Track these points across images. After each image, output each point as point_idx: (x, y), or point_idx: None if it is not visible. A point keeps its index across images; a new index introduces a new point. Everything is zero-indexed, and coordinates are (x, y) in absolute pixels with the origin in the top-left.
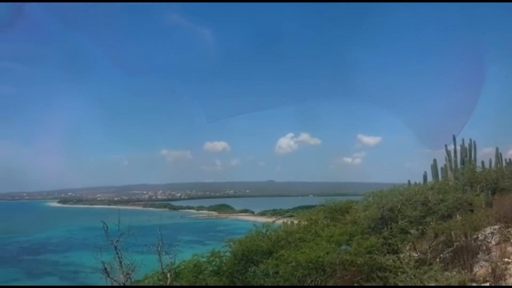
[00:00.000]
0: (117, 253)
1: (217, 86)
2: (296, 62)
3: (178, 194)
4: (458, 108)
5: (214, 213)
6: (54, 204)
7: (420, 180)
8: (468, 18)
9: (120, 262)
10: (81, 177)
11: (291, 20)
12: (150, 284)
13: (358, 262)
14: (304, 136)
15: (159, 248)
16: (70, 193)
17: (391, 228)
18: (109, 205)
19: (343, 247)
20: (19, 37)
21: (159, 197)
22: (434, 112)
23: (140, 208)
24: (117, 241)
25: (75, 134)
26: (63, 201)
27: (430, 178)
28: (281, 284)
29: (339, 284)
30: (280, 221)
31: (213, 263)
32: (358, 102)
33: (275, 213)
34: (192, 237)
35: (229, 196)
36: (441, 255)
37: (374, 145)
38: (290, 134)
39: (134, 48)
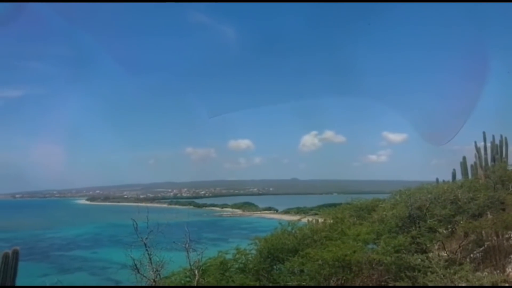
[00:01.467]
0: (146, 250)
1: (237, 83)
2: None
3: (202, 192)
4: (460, 105)
5: (238, 211)
6: (83, 201)
7: (448, 178)
8: (471, 14)
9: (150, 258)
10: (108, 175)
11: (294, 18)
12: (177, 281)
13: (386, 261)
14: (328, 134)
15: (187, 245)
16: (98, 191)
17: (419, 227)
18: (135, 202)
19: (370, 246)
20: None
21: (184, 195)
22: (437, 109)
23: (165, 205)
24: (147, 238)
25: (103, 133)
26: (92, 198)
27: (459, 176)
28: (307, 282)
29: (366, 284)
30: (304, 220)
31: (239, 261)
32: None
33: (299, 211)
34: (216, 235)
35: (252, 194)
36: (472, 255)
37: (399, 142)
38: (314, 132)
39: (151, 46)
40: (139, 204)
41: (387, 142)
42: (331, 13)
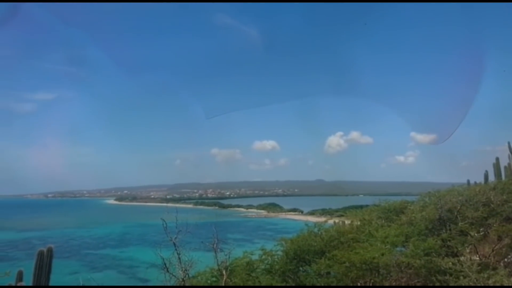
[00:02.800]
0: (176, 249)
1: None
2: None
3: (227, 193)
4: (456, 105)
5: (263, 212)
6: (111, 201)
7: (480, 179)
8: (467, 15)
9: (179, 258)
10: (136, 176)
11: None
12: (203, 280)
13: (415, 264)
14: (354, 135)
15: (215, 245)
16: (125, 191)
17: (450, 229)
18: (161, 203)
19: (399, 248)
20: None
21: (209, 195)
22: (433, 109)
23: (190, 206)
24: (176, 237)
25: (130, 134)
26: (119, 198)
27: (492, 178)
28: (334, 284)
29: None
30: (330, 221)
31: (265, 262)
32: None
33: (324, 212)
34: (241, 236)
35: (277, 195)
36: (506, 259)
37: (428, 143)
38: (340, 133)
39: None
40: (165, 204)
41: (415, 143)
42: (331, 13)
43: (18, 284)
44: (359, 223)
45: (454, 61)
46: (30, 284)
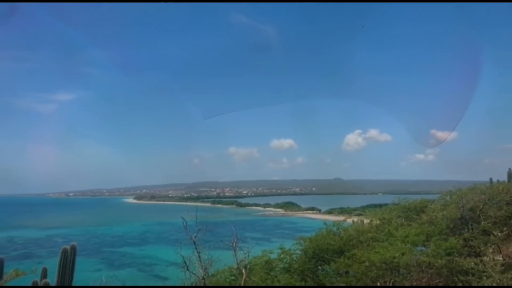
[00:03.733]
0: (196, 247)
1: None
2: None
3: (245, 192)
4: (452, 106)
5: (280, 211)
6: (131, 200)
7: (503, 177)
8: (464, 16)
9: (199, 256)
10: (154, 175)
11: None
12: (222, 279)
13: (437, 264)
14: (373, 132)
15: (234, 244)
16: (144, 190)
17: (472, 229)
18: (179, 201)
19: (419, 248)
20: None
21: (227, 194)
22: (429, 109)
23: (208, 205)
24: (195, 236)
25: (148, 134)
26: (138, 197)
27: None
28: (353, 283)
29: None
30: (349, 220)
31: (284, 260)
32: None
33: (343, 211)
34: (259, 234)
35: (295, 194)
36: None
37: (449, 141)
38: (358, 131)
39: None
40: (184, 203)
41: (436, 141)
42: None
43: (43, 281)
44: (378, 222)
45: (450, 62)
46: (54, 281)
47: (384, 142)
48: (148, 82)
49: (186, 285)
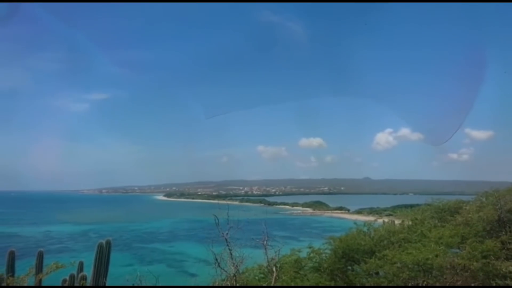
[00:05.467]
0: (227, 245)
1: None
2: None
3: (273, 190)
4: (457, 104)
5: (309, 210)
6: (161, 197)
7: None
8: (468, 15)
9: (231, 253)
10: (184, 173)
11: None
12: (251, 277)
13: (472, 267)
14: (404, 131)
15: (264, 242)
16: (174, 188)
17: (510, 231)
18: (208, 199)
19: (454, 250)
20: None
21: (255, 192)
22: (434, 108)
23: (236, 203)
24: (227, 233)
25: (178, 132)
26: (168, 194)
27: None
28: (384, 284)
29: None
30: (380, 220)
31: (313, 260)
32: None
33: (372, 211)
34: (287, 233)
35: (323, 193)
36: None
37: (485, 140)
38: (389, 130)
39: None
40: (211, 201)
41: (470, 140)
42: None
43: (80, 274)
44: (410, 222)
45: (455, 60)
46: (90, 274)
47: (416, 141)
48: (176, 81)
49: (217, 281)
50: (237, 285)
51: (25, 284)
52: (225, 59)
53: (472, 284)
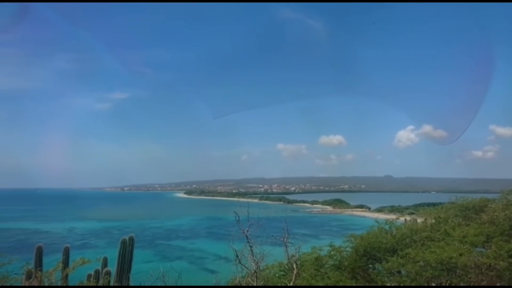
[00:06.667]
0: (248, 241)
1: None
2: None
3: (293, 188)
4: (466, 104)
5: (329, 208)
6: (181, 195)
7: None
8: (476, 14)
9: (251, 250)
10: (204, 170)
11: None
12: (271, 274)
13: (498, 266)
14: (427, 128)
15: (285, 239)
16: (194, 185)
17: None
18: (227, 197)
19: (479, 249)
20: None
21: (274, 190)
22: (443, 107)
23: (256, 200)
24: (247, 230)
25: (197, 130)
26: (188, 192)
27: None
28: (407, 283)
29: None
30: (401, 219)
31: (334, 258)
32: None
33: (394, 209)
34: (307, 231)
35: (343, 191)
36: None
37: (511, 137)
38: (411, 127)
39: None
40: (231, 198)
41: (495, 137)
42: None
43: (105, 269)
44: (433, 221)
45: (462, 59)
46: (114, 269)
47: (439, 138)
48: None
49: (237, 278)
50: (253, 284)
51: (53, 278)
52: (238, 58)
53: (498, 284)
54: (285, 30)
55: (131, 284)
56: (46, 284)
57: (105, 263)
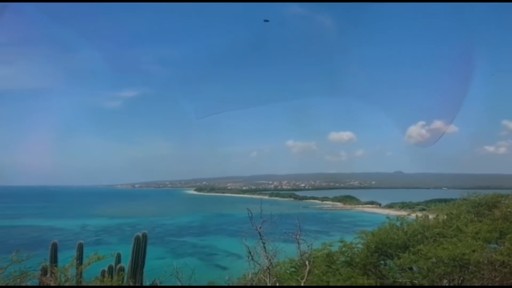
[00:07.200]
0: (261, 238)
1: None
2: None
3: (302, 185)
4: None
5: (339, 204)
6: (191, 191)
7: None
8: (459, 16)
9: (264, 247)
10: (214, 167)
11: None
12: (283, 270)
13: None
14: (438, 124)
15: (297, 236)
16: (204, 182)
17: None
18: (237, 194)
19: (492, 245)
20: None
21: (284, 187)
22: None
23: (266, 197)
24: (260, 227)
25: (208, 127)
26: (199, 189)
27: None
28: (419, 280)
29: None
30: (413, 215)
31: (345, 254)
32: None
33: (404, 205)
34: (317, 227)
35: (353, 187)
36: None
37: None
38: (421, 122)
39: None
40: (242, 195)
41: (508, 132)
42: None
43: (118, 265)
44: (445, 217)
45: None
46: (128, 265)
47: (450, 133)
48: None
49: (249, 274)
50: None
51: (68, 274)
52: (246, 56)
53: (511, 281)
54: (293, 26)
55: (144, 280)
56: (63, 280)
57: (118, 259)
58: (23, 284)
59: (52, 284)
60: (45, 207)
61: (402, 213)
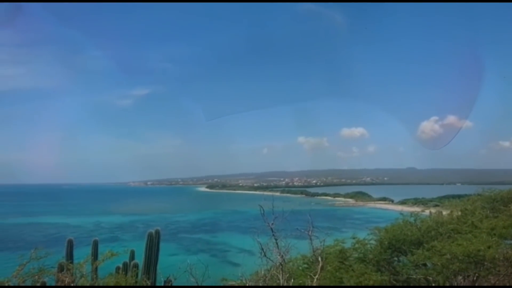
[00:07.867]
0: (273, 234)
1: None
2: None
3: (314, 181)
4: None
5: (351, 201)
6: (203, 189)
7: None
8: (466, 16)
9: (277, 243)
10: (225, 164)
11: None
12: (295, 267)
13: None
14: (451, 119)
15: (310, 232)
16: (216, 179)
17: None
18: (249, 190)
19: (508, 241)
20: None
21: (296, 183)
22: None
23: (277, 194)
24: (273, 223)
25: (219, 124)
26: (210, 186)
27: None
28: (433, 276)
29: (503, 283)
30: (426, 211)
31: (358, 250)
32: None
33: (417, 201)
34: (329, 224)
35: (365, 184)
36: None
37: None
38: (434, 117)
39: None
40: (253, 192)
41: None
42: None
43: (132, 262)
44: (459, 213)
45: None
46: (142, 261)
47: (464, 128)
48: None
49: (262, 270)
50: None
51: (84, 270)
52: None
53: None
54: (303, 25)
55: (158, 276)
56: (78, 276)
57: (132, 256)
58: (40, 281)
59: (67, 280)
60: (59, 205)
61: (416, 209)
